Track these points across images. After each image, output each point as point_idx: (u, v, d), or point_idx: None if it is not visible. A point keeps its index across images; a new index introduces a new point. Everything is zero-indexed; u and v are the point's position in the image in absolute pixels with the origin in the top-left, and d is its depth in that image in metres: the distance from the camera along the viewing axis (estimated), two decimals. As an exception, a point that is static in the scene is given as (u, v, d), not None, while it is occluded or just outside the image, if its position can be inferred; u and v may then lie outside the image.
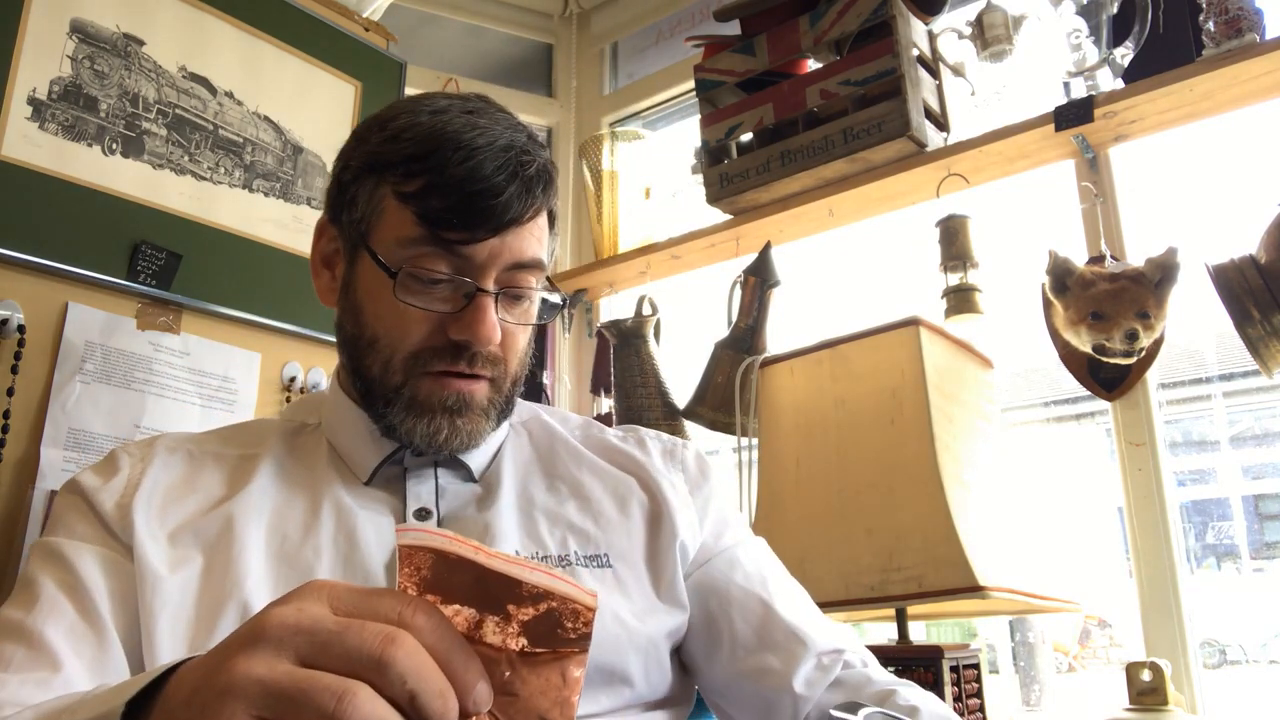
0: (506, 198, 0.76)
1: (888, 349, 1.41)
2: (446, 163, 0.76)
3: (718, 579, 0.88)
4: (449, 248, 0.77)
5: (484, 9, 2.57)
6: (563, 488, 0.89)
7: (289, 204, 1.71)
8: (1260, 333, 1.33)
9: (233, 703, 0.40)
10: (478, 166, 0.76)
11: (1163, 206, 1.73)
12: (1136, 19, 1.53)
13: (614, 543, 0.85)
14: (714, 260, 2.10)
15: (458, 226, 0.76)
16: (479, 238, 0.77)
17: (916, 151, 1.72)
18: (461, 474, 0.87)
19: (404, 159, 0.78)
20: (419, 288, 0.78)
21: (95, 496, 0.79)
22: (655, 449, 0.96)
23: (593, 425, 1.00)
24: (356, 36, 1.89)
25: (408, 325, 0.79)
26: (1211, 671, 1.51)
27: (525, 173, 0.78)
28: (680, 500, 0.90)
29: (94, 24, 1.49)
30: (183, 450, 0.86)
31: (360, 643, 0.41)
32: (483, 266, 0.78)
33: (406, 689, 0.41)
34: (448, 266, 0.78)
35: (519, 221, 0.78)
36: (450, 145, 0.76)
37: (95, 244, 1.44)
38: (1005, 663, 2.60)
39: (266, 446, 0.87)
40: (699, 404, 1.83)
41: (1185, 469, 2.74)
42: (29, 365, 1.35)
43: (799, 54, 1.83)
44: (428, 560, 0.44)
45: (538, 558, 0.80)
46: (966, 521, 1.25)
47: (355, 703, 0.39)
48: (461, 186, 0.76)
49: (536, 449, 0.94)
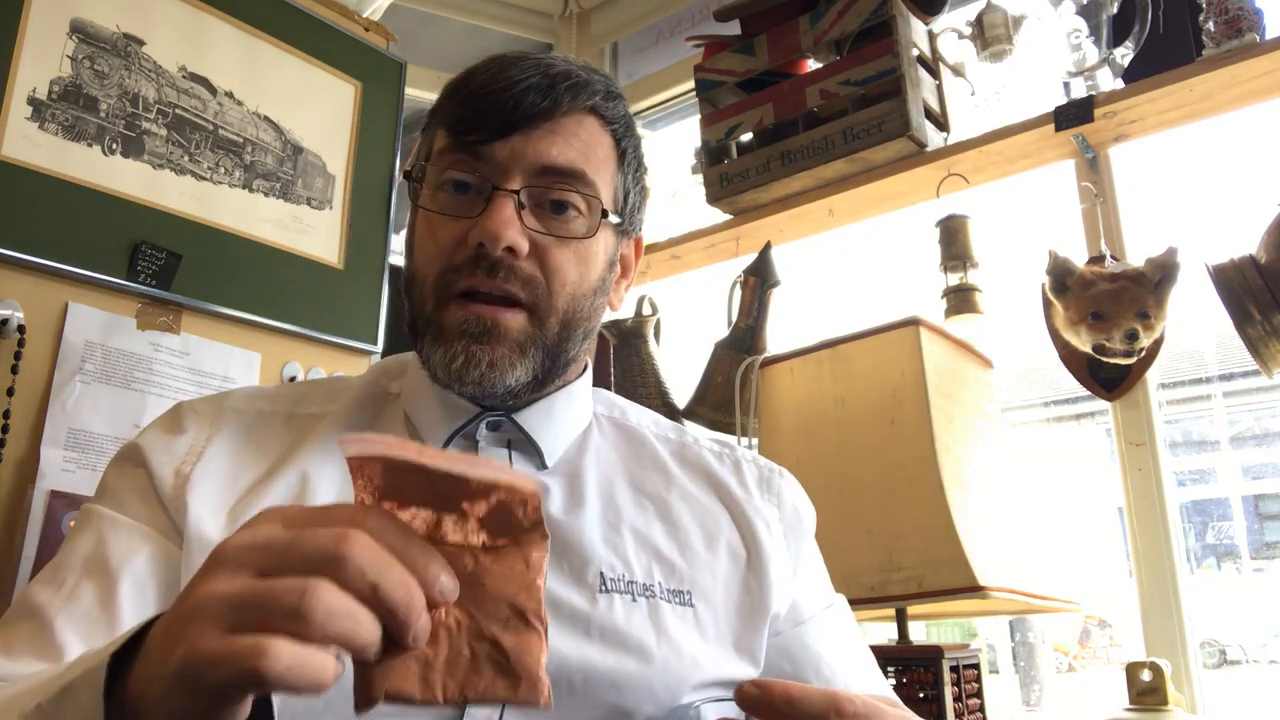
0: (521, 90, 0.74)
1: (888, 349, 1.41)
2: (475, 74, 0.77)
3: (808, 648, 0.82)
4: (470, 150, 0.75)
5: (484, 9, 2.57)
6: (650, 506, 0.82)
7: (289, 204, 1.71)
8: (1260, 333, 1.33)
9: (200, 622, 0.41)
10: (502, 72, 0.76)
11: (1163, 206, 1.74)
12: (1136, 19, 1.53)
13: (698, 580, 0.79)
14: (714, 260, 2.10)
15: (476, 126, 0.75)
16: (497, 135, 0.75)
17: (916, 151, 1.72)
18: (534, 460, 0.81)
19: (449, 91, 0.79)
20: (445, 198, 0.76)
21: (154, 459, 0.75)
22: (751, 476, 0.89)
23: (686, 435, 0.92)
24: (356, 36, 1.89)
25: (435, 240, 0.76)
26: (1211, 671, 1.51)
27: (549, 72, 0.76)
28: (774, 545, 0.84)
29: (94, 24, 1.49)
30: (253, 411, 0.81)
31: (315, 546, 0.41)
32: (504, 167, 0.75)
33: (367, 580, 0.41)
34: (470, 172, 0.76)
35: (538, 119, 0.75)
36: (485, 65, 0.78)
37: (95, 244, 1.44)
38: (1005, 663, 2.60)
39: (342, 408, 0.83)
40: (699, 404, 1.83)
41: (1185, 469, 2.75)
42: (29, 365, 1.35)
43: (799, 54, 1.83)
44: (378, 469, 0.44)
45: (624, 582, 0.75)
46: (966, 521, 1.25)
47: (318, 594, 0.40)
48: (484, 89, 0.75)
49: (621, 452, 0.86)
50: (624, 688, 0.70)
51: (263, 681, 0.39)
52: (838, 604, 0.90)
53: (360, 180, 1.84)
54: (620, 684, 0.70)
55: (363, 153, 1.85)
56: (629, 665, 0.70)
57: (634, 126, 0.84)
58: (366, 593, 0.41)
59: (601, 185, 0.78)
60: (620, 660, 0.70)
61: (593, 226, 0.77)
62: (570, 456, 0.83)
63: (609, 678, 0.69)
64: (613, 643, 0.71)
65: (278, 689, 0.39)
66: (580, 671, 0.69)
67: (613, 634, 0.71)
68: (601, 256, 0.80)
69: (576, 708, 0.69)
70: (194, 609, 0.42)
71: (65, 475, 1.35)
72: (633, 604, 0.74)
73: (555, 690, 0.68)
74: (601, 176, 0.78)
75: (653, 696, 0.71)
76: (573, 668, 0.69)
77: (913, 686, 1.23)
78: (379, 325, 1.81)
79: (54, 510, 1.33)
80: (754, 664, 0.79)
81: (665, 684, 0.71)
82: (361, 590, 0.41)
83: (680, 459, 0.88)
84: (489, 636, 0.45)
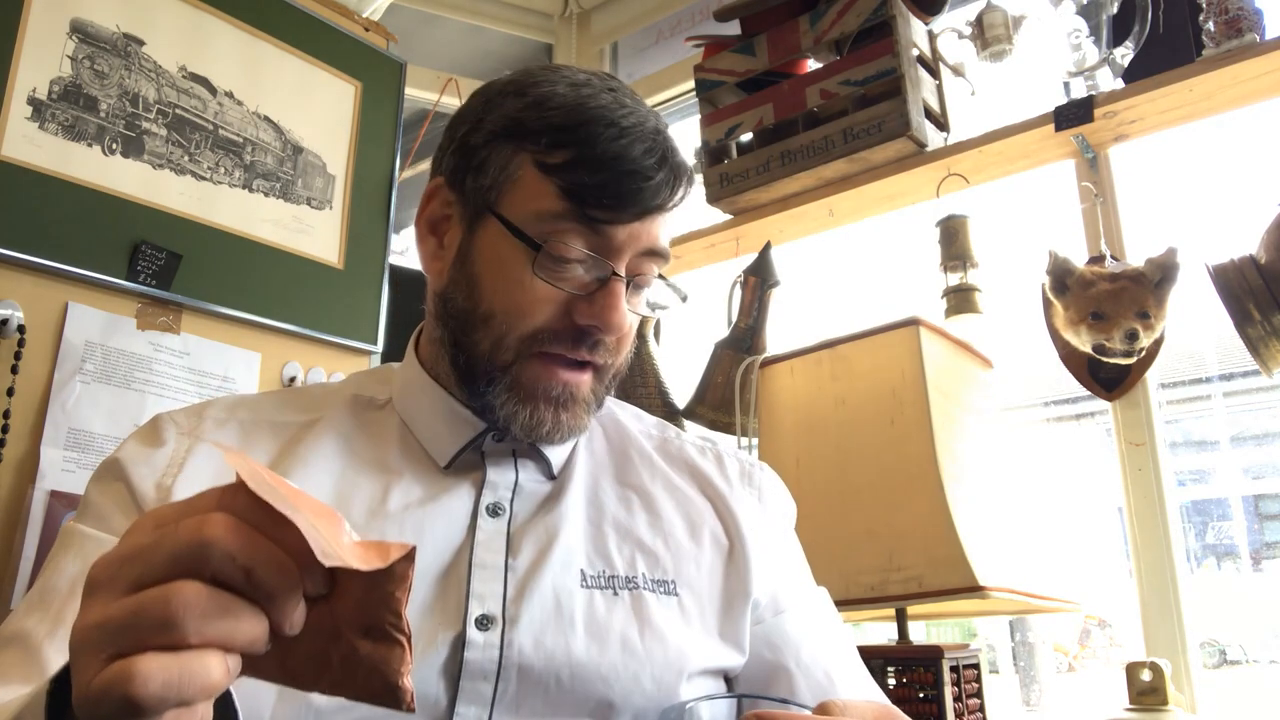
0: (657, 182, 0.74)
1: (888, 349, 1.41)
2: (598, 138, 0.73)
3: (788, 636, 0.83)
4: (593, 226, 0.73)
5: (484, 9, 2.57)
6: (634, 498, 0.84)
7: (289, 204, 1.71)
8: (1260, 333, 1.33)
9: (85, 657, 0.39)
10: (629, 146, 0.73)
11: (1163, 206, 1.74)
12: (1136, 19, 1.53)
13: (682, 569, 0.80)
14: (714, 260, 2.10)
15: (606, 205, 0.73)
16: (624, 219, 0.74)
17: (916, 151, 1.72)
18: (542, 468, 0.82)
19: (549, 128, 0.74)
20: (552, 265, 0.74)
21: (134, 473, 0.74)
22: (733, 469, 0.90)
23: (669, 429, 0.94)
24: (356, 36, 1.89)
25: (534, 303, 0.74)
26: (1211, 671, 1.51)
27: (674, 159, 0.76)
28: (754, 535, 0.85)
29: (94, 24, 1.49)
30: (234, 421, 0.80)
31: (177, 542, 0.40)
32: (619, 249, 0.75)
33: (238, 565, 0.39)
34: (586, 245, 0.74)
35: (663, 209, 0.76)
36: (602, 121, 0.74)
37: (95, 244, 1.44)
38: (1005, 663, 2.60)
39: (331, 415, 0.82)
40: (699, 404, 1.83)
41: (1185, 469, 2.75)
42: (29, 365, 1.35)
43: (799, 54, 1.83)
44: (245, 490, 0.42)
45: (604, 577, 0.76)
46: (966, 521, 1.25)
47: (183, 598, 0.38)
48: (614, 165, 0.73)
49: (609, 447, 0.88)
50: (611, 680, 0.71)
51: (141, 707, 0.37)
52: (819, 595, 0.91)
53: (360, 180, 1.84)
54: (607, 676, 0.71)
55: (363, 153, 1.85)
56: (613, 657, 0.72)
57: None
58: (239, 580, 0.39)
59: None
60: (604, 653, 0.71)
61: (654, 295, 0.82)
62: (567, 459, 0.85)
63: (595, 671, 0.71)
64: (596, 637, 0.72)
65: (162, 709, 0.38)
66: (566, 667, 0.70)
67: (594, 628, 0.72)
68: None
69: (566, 703, 0.70)
70: (79, 645, 0.40)
71: (65, 475, 1.35)
72: (614, 598, 0.75)
73: (543, 686, 0.69)
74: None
75: (640, 687, 0.72)
76: (560, 664, 0.70)
77: (913, 686, 1.23)
78: (379, 325, 1.81)
79: (54, 510, 1.33)
80: (739, 651, 0.80)
81: (652, 674, 0.72)
82: (233, 578, 0.39)
83: (664, 453, 0.90)
84: (349, 644, 0.43)
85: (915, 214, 1.85)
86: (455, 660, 0.69)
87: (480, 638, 0.69)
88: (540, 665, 0.70)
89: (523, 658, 0.69)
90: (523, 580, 0.73)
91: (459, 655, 0.69)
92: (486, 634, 0.70)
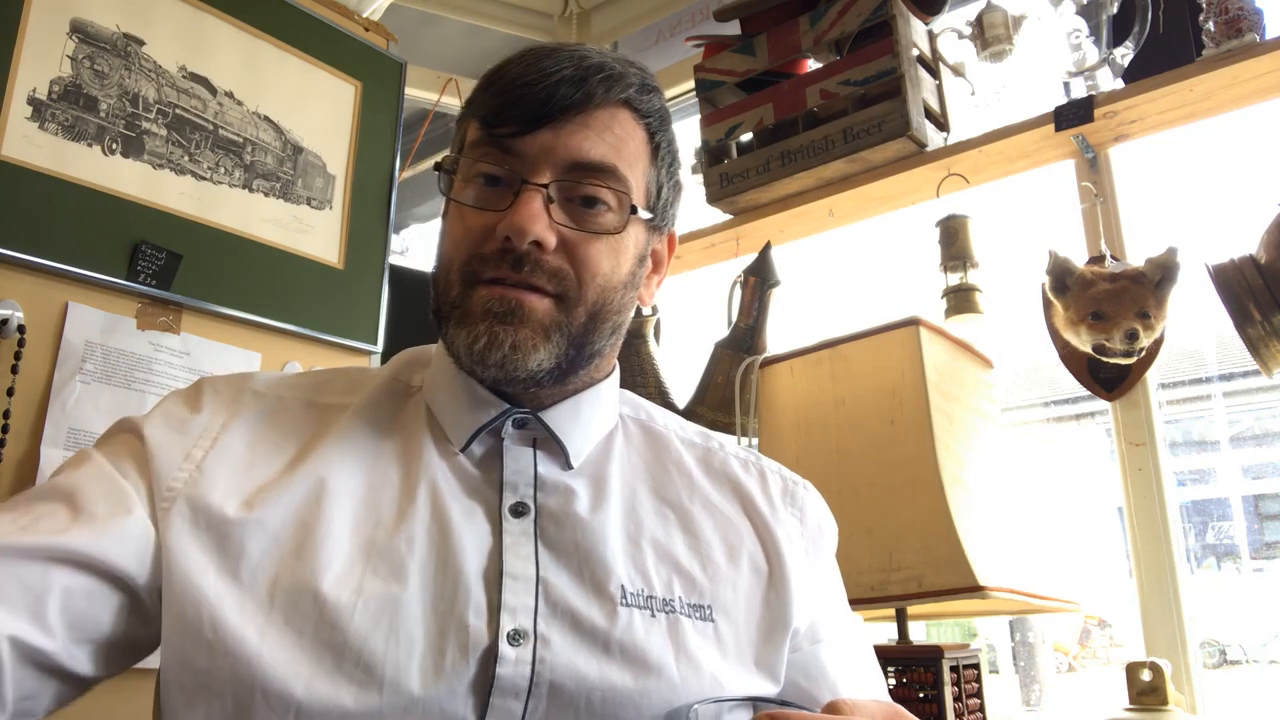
0: (553, 83, 0.73)
1: (888, 349, 1.41)
2: (506, 67, 0.76)
3: (825, 669, 0.82)
4: (500, 144, 0.74)
5: (484, 9, 2.57)
6: (671, 516, 0.81)
7: (289, 204, 1.71)
8: (1260, 333, 1.33)
9: None
10: (534, 63, 0.75)
11: (1163, 206, 1.74)
12: (1136, 19, 1.53)
13: (719, 594, 0.78)
14: (714, 260, 2.10)
15: (506, 119, 0.74)
16: (528, 129, 0.74)
17: (916, 151, 1.72)
18: (559, 460, 0.79)
19: (483, 83, 0.78)
20: (475, 190, 0.76)
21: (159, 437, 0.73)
22: (775, 487, 0.88)
23: (712, 439, 0.90)
24: (356, 36, 1.89)
25: (464, 232, 0.75)
26: (1211, 671, 1.51)
27: (583, 64, 0.75)
28: (795, 561, 0.83)
29: (94, 24, 1.49)
30: (273, 397, 0.80)
31: None
32: (534, 162, 0.74)
33: None
34: (500, 165, 0.75)
35: (570, 112, 0.74)
36: (518, 55, 0.77)
37: (95, 244, 1.44)
38: (1005, 663, 2.60)
39: (366, 399, 0.81)
40: (699, 404, 1.83)
41: (1185, 469, 2.75)
42: (29, 365, 1.35)
43: (799, 54, 1.83)
44: None
45: (643, 596, 0.74)
46: (966, 521, 1.25)
47: None
48: (513, 80, 0.74)
49: (645, 457, 0.85)
50: (642, 706, 0.69)
51: None
52: (854, 623, 0.89)
53: (360, 180, 1.84)
54: (639, 703, 0.69)
55: (363, 153, 1.85)
56: (648, 684, 0.70)
57: (669, 120, 0.83)
58: None
59: (633, 180, 0.77)
60: (639, 679, 0.70)
61: (622, 222, 0.76)
62: (596, 458, 0.81)
63: (628, 696, 0.69)
64: (632, 660, 0.70)
65: None
66: (599, 689, 0.68)
67: (632, 651, 0.70)
68: (632, 251, 0.79)
69: None
70: None
71: (65, 475, 1.35)
72: (652, 620, 0.73)
73: (574, 708, 0.67)
74: (634, 171, 0.78)
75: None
76: (592, 685, 0.68)
77: (913, 686, 1.23)
78: (379, 325, 1.81)
79: (54, 510, 1.33)
80: (774, 681, 0.78)
81: (685, 702, 0.70)
82: None
83: (705, 465, 0.87)
84: None
85: (915, 214, 1.85)
86: (486, 676, 0.67)
87: (512, 653, 0.67)
88: (572, 686, 0.68)
89: (555, 676, 0.68)
90: (556, 595, 0.71)
91: (490, 670, 0.67)
92: (518, 649, 0.68)
